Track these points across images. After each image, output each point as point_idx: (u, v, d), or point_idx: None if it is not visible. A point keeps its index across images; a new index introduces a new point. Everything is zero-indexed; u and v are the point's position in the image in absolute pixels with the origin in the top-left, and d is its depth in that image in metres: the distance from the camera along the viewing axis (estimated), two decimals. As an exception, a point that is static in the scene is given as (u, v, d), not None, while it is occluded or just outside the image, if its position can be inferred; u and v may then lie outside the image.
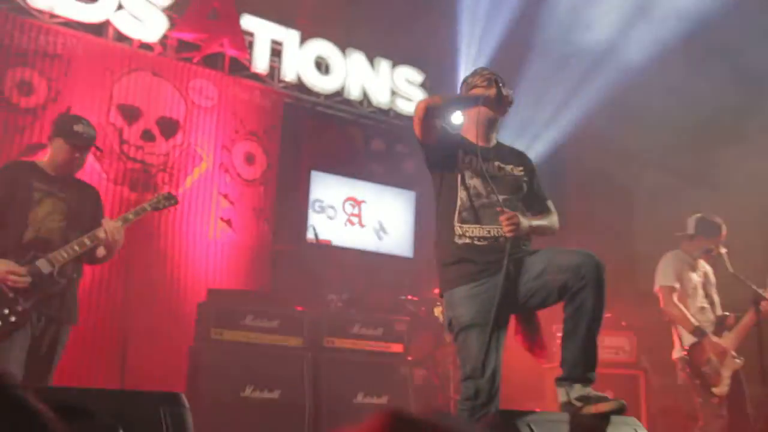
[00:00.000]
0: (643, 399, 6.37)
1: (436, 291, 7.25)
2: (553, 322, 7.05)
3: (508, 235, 3.36)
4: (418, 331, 6.90)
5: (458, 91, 3.94)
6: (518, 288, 3.43)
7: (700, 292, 5.66)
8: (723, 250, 5.51)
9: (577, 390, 3.19)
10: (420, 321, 6.96)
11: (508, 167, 3.69)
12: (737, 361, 5.41)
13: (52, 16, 6.78)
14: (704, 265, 5.80)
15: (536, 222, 3.57)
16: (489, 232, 3.46)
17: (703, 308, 5.63)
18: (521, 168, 3.73)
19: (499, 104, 3.63)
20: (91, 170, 6.81)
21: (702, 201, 8.71)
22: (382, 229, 8.54)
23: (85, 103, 6.91)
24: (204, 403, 5.22)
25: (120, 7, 7.07)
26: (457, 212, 3.52)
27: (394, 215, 8.60)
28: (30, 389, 2.21)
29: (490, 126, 3.71)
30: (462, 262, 3.48)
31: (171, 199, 4.56)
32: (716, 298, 5.74)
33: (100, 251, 4.28)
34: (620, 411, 3.09)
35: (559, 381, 3.29)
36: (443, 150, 3.63)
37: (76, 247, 4.08)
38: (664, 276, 5.72)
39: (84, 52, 6.93)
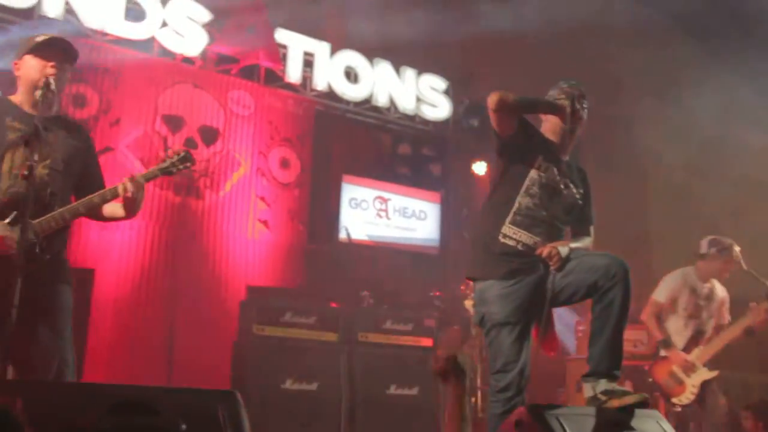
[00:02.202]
0: (660, 389, 6.35)
1: (464, 287, 7.33)
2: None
3: (555, 269, 3.38)
4: (445, 325, 6.94)
5: None
6: (546, 283, 3.45)
7: (691, 310, 5.67)
8: (737, 248, 5.46)
9: (603, 385, 3.21)
10: (447, 316, 6.99)
11: (573, 188, 3.59)
12: (708, 372, 5.46)
13: (104, 34, 6.91)
14: (715, 285, 5.75)
15: (574, 245, 3.51)
16: (535, 243, 3.42)
17: (685, 324, 5.66)
18: (582, 191, 3.65)
19: (569, 120, 3.49)
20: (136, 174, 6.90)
21: (716, 198, 8.64)
22: (409, 228, 8.58)
23: (132, 113, 7.04)
24: (248, 395, 5.30)
25: (164, 24, 7.18)
26: (512, 213, 3.46)
27: (421, 215, 8.64)
28: (91, 386, 2.25)
29: (570, 137, 3.60)
30: (501, 259, 3.43)
31: (187, 161, 3.43)
32: (711, 317, 5.71)
33: (115, 210, 3.32)
34: (643, 405, 3.11)
35: (586, 377, 3.31)
36: (520, 147, 3.51)
37: (67, 215, 3.15)
38: (659, 291, 5.78)
39: (132, 66, 7.06)
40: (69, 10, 6.69)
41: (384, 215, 8.42)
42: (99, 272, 6.59)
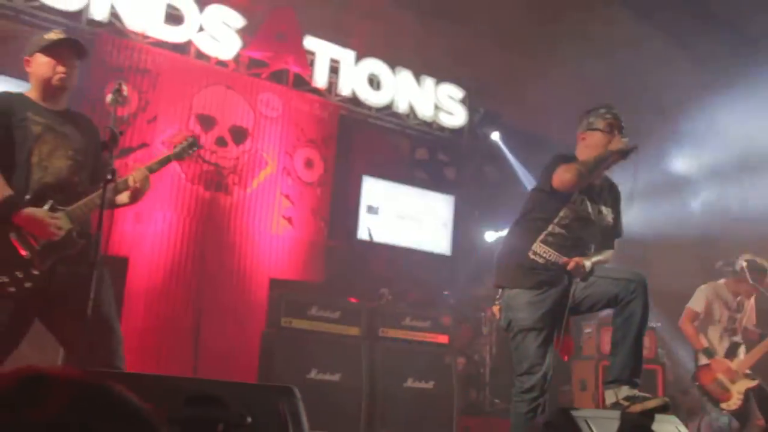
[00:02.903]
0: (660, 392, 6.44)
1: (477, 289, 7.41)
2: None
3: (580, 281, 3.46)
4: (456, 322, 7.02)
5: (579, 125, 3.74)
6: (569, 293, 3.52)
7: (725, 322, 5.66)
8: (744, 263, 5.48)
9: (625, 391, 3.30)
10: (459, 314, 7.07)
11: (605, 210, 3.64)
12: (750, 380, 5.42)
13: (145, 36, 6.98)
14: (744, 301, 5.74)
15: (595, 258, 3.59)
16: (562, 259, 3.50)
17: (721, 336, 5.64)
18: (612, 209, 3.70)
19: (625, 157, 3.49)
20: (172, 171, 7.00)
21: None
22: (424, 228, 8.64)
23: (168, 112, 7.10)
24: (275, 383, 5.38)
25: (201, 29, 7.25)
26: (544, 233, 3.53)
27: (435, 217, 8.70)
28: (170, 379, 2.33)
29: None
30: (531, 272, 3.52)
31: (194, 146, 3.62)
32: (747, 326, 5.70)
33: (122, 198, 3.39)
34: (665, 409, 3.20)
35: (608, 383, 3.39)
36: (565, 193, 3.53)
37: (98, 201, 3.12)
38: (694, 300, 5.77)
39: (169, 68, 7.12)
40: (114, 13, 6.76)
41: (400, 216, 8.49)
42: (132, 261, 6.70)
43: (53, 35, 3.31)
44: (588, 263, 3.48)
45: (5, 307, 2.98)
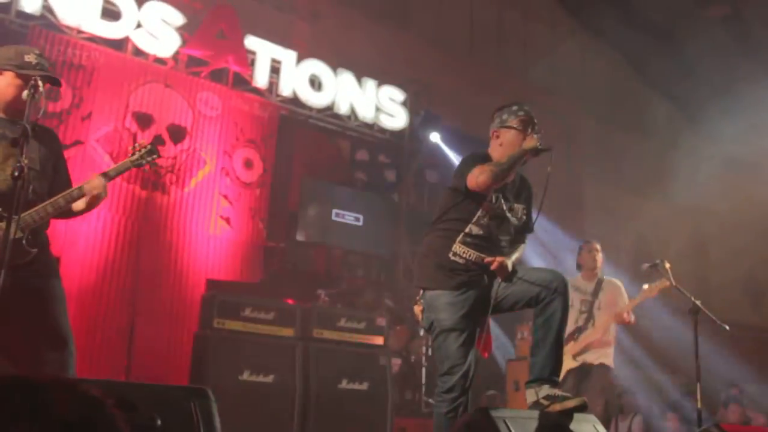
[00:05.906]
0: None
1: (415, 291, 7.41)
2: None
3: (502, 281, 3.46)
4: (394, 324, 7.01)
5: (492, 122, 3.67)
6: (490, 293, 3.52)
7: (578, 306, 5.89)
8: (667, 265, 5.59)
9: (545, 390, 3.30)
10: (396, 316, 7.06)
11: (517, 206, 3.61)
12: (573, 362, 5.76)
13: (79, 31, 6.80)
14: (603, 282, 6.01)
15: (514, 257, 3.58)
16: (483, 260, 3.47)
17: (576, 320, 5.86)
18: (525, 205, 3.67)
19: (536, 155, 3.42)
20: (107, 168, 6.82)
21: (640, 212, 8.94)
22: (363, 230, 8.60)
23: (104, 109, 6.93)
24: (207, 385, 5.26)
25: (139, 25, 7.10)
26: (462, 234, 3.49)
27: (375, 219, 8.67)
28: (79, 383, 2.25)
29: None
30: (452, 273, 3.49)
31: (153, 153, 3.58)
32: (595, 312, 5.94)
33: (78, 205, 3.32)
34: (582, 408, 3.22)
35: (529, 383, 3.40)
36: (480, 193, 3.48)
37: (50, 209, 3.16)
38: None
39: (105, 64, 6.95)
40: (46, 6, 6.57)
41: (340, 217, 8.45)
42: (65, 260, 6.50)
43: (32, 58, 3.22)
44: (509, 262, 3.49)
45: None
